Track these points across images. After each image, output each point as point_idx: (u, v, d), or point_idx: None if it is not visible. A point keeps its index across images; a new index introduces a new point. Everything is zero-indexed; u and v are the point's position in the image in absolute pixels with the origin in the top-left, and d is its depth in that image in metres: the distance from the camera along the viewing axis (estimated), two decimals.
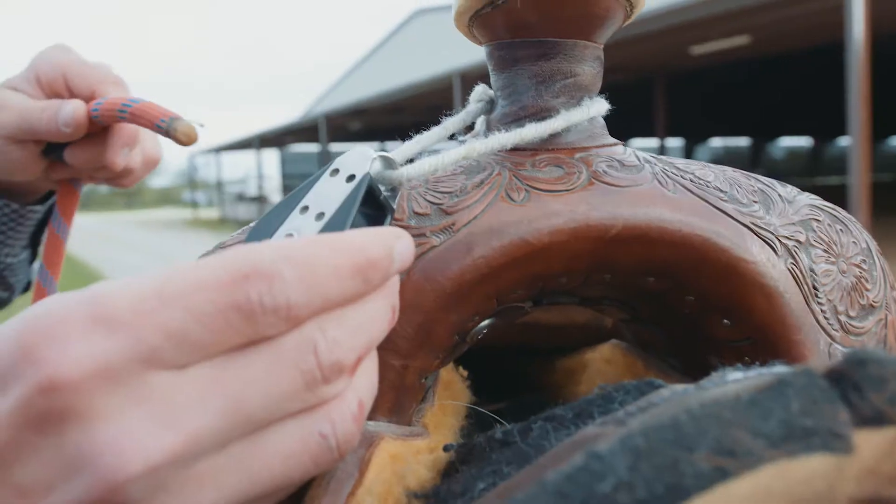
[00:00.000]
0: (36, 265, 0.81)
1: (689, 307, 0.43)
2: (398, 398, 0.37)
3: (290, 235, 0.34)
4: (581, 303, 0.49)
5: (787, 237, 0.43)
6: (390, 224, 0.38)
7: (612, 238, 0.39)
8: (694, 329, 0.45)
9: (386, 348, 0.36)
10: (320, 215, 0.35)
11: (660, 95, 12.95)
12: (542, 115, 0.43)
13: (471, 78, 12.18)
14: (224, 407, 0.26)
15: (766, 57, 12.92)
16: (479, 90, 0.47)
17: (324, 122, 18.72)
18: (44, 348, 0.24)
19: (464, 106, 0.48)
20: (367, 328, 0.30)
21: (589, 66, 0.44)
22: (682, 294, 0.43)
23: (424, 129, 0.44)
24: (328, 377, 0.28)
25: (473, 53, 11.38)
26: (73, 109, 0.61)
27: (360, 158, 0.37)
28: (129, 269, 12.25)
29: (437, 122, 0.45)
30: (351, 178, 0.36)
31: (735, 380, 0.26)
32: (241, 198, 29.37)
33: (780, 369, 0.28)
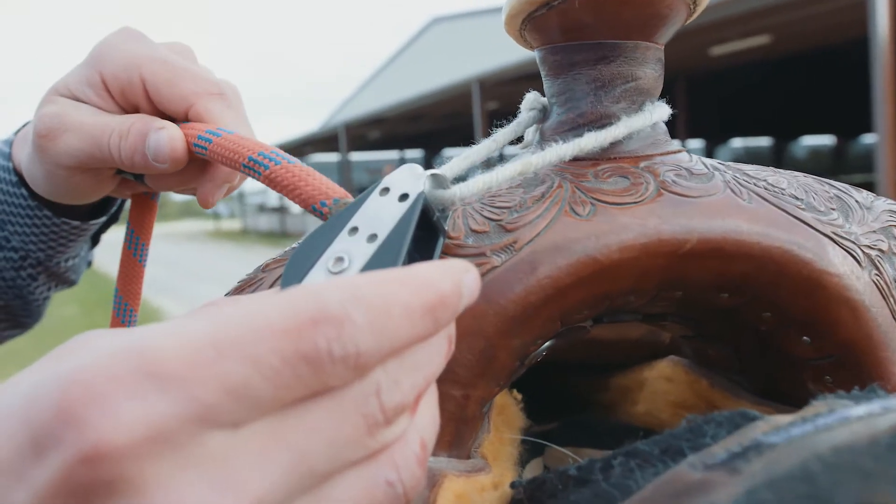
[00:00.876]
0: (96, 250, 0.74)
1: (764, 324, 0.40)
2: (459, 431, 0.35)
3: (341, 259, 0.31)
4: (644, 319, 0.46)
5: (869, 246, 0.39)
6: (443, 246, 0.35)
7: (685, 253, 0.36)
8: (768, 346, 0.42)
9: (445, 379, 0.34)
10: (373, 237, 0.32)
11: (680, 96, 12.84)
12: (601, 122, 0.40)
13: (489, 84, 12.17)
14: (286, 464, 0.23)
15: (786, 56, 12.80)
16: (531, 98, 0.44)
17: (343, 131, 18.76)
18: (88, 409, 0.21)
19: (484, 112, 0.45)
20: (427, 364, 0.27)
21: (650, 68, 0.41)
22: (758, 310, 0.40)
23: (443, 137, 0.41)
24: (390, 419, 0.25)
25: (491, 60, 11.37)
26: (170, 142, 0.45)
27: (411, 176, 0.34)
28: (153, 283, 12.32)
29: (456, 129, 0.43)
30: (404, 197, 0.33)
31: (859, 417, 0.23)
32: (262, 209, 29.52)
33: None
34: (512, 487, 0.34)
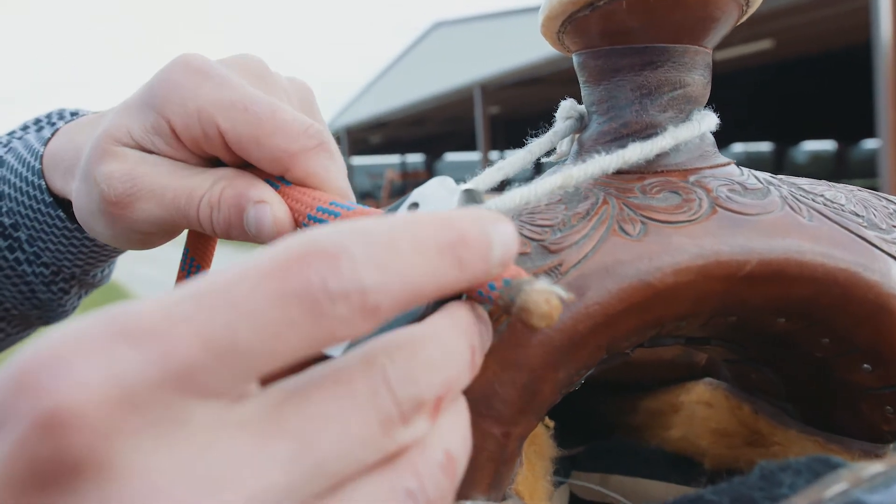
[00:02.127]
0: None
1: (822, 350, 0.37)
2: (498, 471, 0.32)
3: None
4: (686, 343, 0.43)
5: None
6: None
7: (744, 276, 0.33)
8: (823, 373, 0.39)
9: (484, 415, 0.31)
10: None
11: None
12: (646, 132, 0.37)
13: (491, 88, 12.15)
14: (290, 455, 0.19)
15: (788, 61, 12.79)
16: (567, 106, 0.41)
17: (345, 135, 18.75)
18: (46, 373, 0.17)
19: (486, 116, 0.42)
20: (442, 364, 0.23)
21: (699, 74, 0.38)
22: (817, 335, 0.37)
23: (445, 141, 0.38)
24: (406, 416, 0.21)
25: (493, 64, 11.35)
26: (274, 222, 0.36)
27: (442, 192, 0.31)
28: (152, 284, 12.27)
29: (457, 133, 0.40)
30: None
31: None
32: None
33: None
34: None
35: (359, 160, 32.12)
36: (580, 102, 0.42)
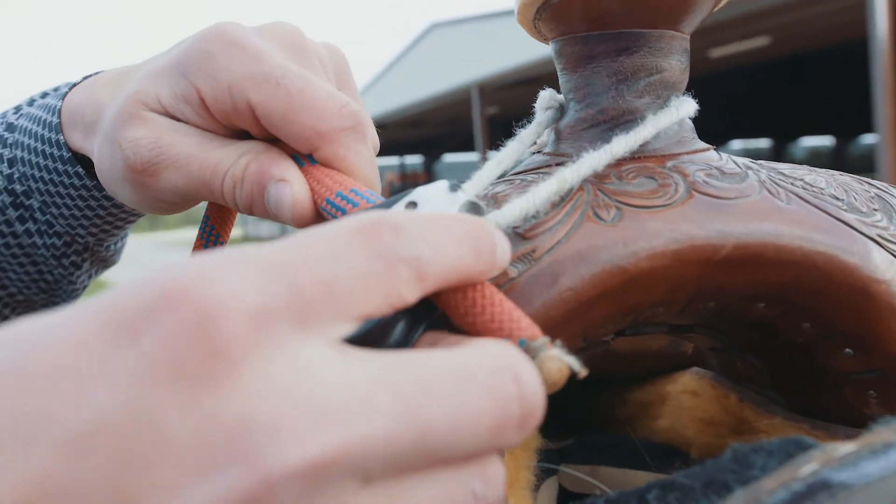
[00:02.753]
0: (139, 239, 0.65)
1: (803, 335, 0.37)
2: None
3: None
4: (667, 331, 0.42)
5: None
6: None
7: (721, 260, 0.33)
8: (805, 359, 0.39)
9: None
10: None
11: None
12: (623, 118, 0.37)
13: (488, 89, 12.15)
14: (397, 413, 0.20)
15: (786, 57, 12.79)
16: (546, 96, 0.41)
17: None
18: (194, 284, 0.19)
19: (484, 116, 0.41)
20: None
21: (676, 59, 0.38)
22: (798, 320, 0.36)
23: (443, 142, 0.37)
24: (525, 419, 0.23)
25: (490, 65, 11.35)
26: (293, 202, 0.36)
27: (443, 197, 0.30)
28: None
29: (456, 134, 0.40)
30: None
31: None
32: None
33: None
34: None
35: None
36: None
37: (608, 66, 0.37)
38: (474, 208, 0.30)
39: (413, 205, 0.30)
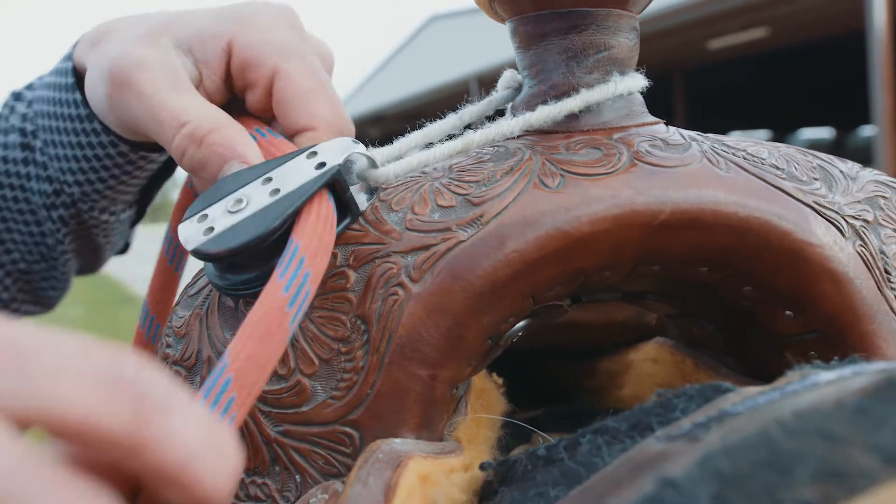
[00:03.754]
0: (139, 229, 0.66)
1: (746, 299, 0.39)
2: (426, 412, 0.33)
3: (240, 201, 0.33)
4: (623, 298, 0.44)
5: (853, 217, 0.38)
6: (345, 228, 0.35)
7: (660, 224, 0.35)
8: (751, 323, 0.41)
9: (411, 357, 0.32)
10: (275, 191, 0.33)
11: (678, 91, 12.82)
12: (573, 93, 0.39)
13: (488, 81, 12.13)
14: None
15: (784, 49, 12.78)
16: (508, 76, 0.43)
17: None
18: None
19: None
20: None
21: (624, 37, 0.40)
22: (739, 284, 0.38)
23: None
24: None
25: (489, 57, 11.35)
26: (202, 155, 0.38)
27: (339, 149, 0.35)
28: (147, 281, 12.23)
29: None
30: (321, 165, 0.34)
31: (829, 381, 0.21)
32: None
33: (877, 366, 0.24)
34: (481, 469, 0.33)
35: None
36: None
37: (558, 44, 0.39)
38: (370, 161, 0.35)
39: (313, 154, 0.34)
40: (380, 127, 20.08)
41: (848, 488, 0.17)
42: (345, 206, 0.35)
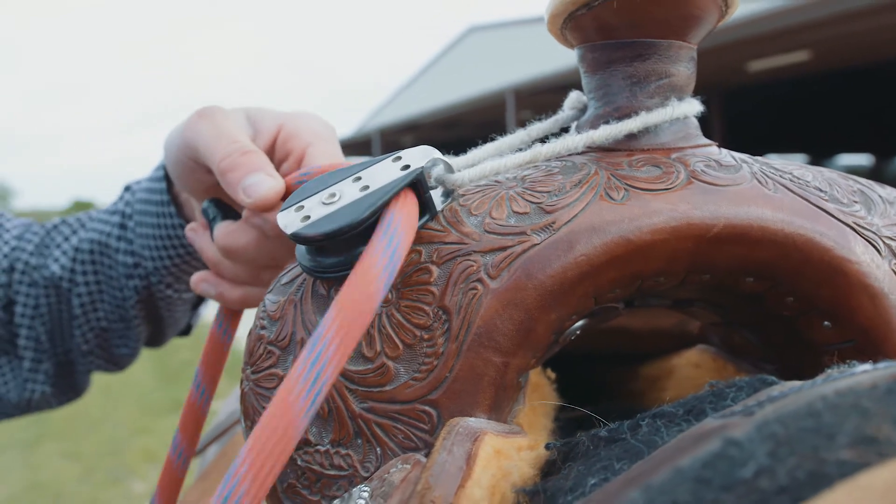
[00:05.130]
0: (203, 310, 0.79)
1: (787, 309, 0.43)
2: (497, 396, 0.37)
3: (334, 195, 0.39)
4: (672, 305, 0.48)
5: (890, 238, 0.42)
6: (424, 224, 0.40)
7: (713, 237, 0.39)
8: (791, 332, 0.44)
9: (487, 346, 0.36)
10: (365, 187, 0.39)
11: (716, 112, 12.77)
12: (634, 116, 0.43)
13: (524, 94, 12.20)
14: None
15: (826, 73, 12.67)
16: (574, 97, 0.47)
17: (377, 136, 18.89)
18: None
19: (518, 121, 0.48)
20: None
21: (683, 66, 0.44)
22: (782, 295, 0.42)
23: (476, 145, 0.45)
24: None
25: (527, 69, 11.40)
26: (268, 187, 0.50)
27: (420, 155, 0.40)
28: None
29: (489, 138, 0.46)
30: (406, 167, 0.39)
31: (865, 370, 0.25)
32: None
33: None
34: (546, 448, 0.37)
35: None
36: None
37: (623, 70, 0.43)
38: (447, 167, 0.41)
39: (398, 158, 0.40)
40: (414, 135, 20.20)
41: (878, 454, 0.21)
42: (424, 205, 0.39)
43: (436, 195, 0.40)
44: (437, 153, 0.41)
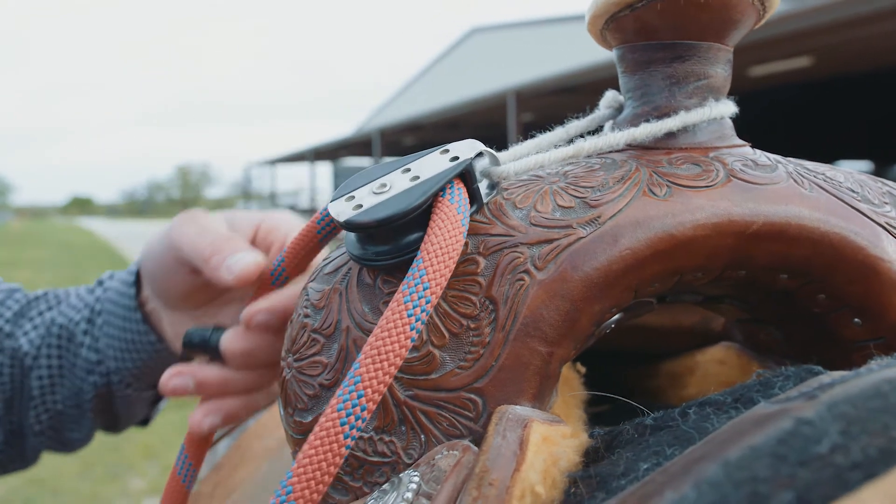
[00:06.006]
0: (163, 405, 0.80)
1: (818, 306, 0.44)
2: (541, 385, 0.38)
3: (384, 185, 0.40)
4: (702, 301, 0.49)
5: None
6: (472, 214, 0.41)
7: (752, 234, 0.40)
8: (820, 329, 0.45)
9: (533, 335, 0.37)
10: (415, 178, 0.40)
11: None
12: (673, 115, 0.44)
13: (525, 96, 12.22)
14: None
15: (827, 79, 12.70)
16: (610, 96, 0.48)
17: (378, 136, 18.90)
18: None
19: (519, 123, 0.50)
20: None
21: (721, 68, 0.45)
22: (814, 292, 0.43)
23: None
24: None
25: (528, 72, 11.41)
26: (250, 260, 0.54)
27: (468, 147, 0.41)
28: None
29: (491, 139, 0.48)
30: (455, 158, 0.40)
31: None
32: (293, 210, 29.78)
33: None
34: (590, 437, 0.38)
35: None
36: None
37: (663, 71, 0.44)
38: (493, 159, 0.42)
39: (446, 151, 0.41)
40: (416, 135, 20.20)
41: None
42: (472, 196, 0.40)
43: (481, 187, 0.41)
44: (483, 146, 0.42)
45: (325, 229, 0.50)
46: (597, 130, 0.49)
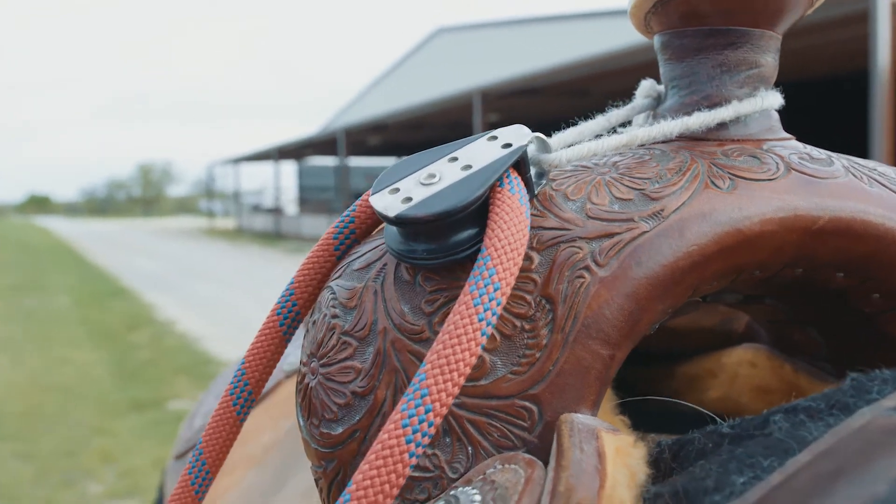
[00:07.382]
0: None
1: (871, 305, 0.42)
2: (601, 390, 0.36)
3: (433, 175, 0.37)
4: (742, 301, 0.47)
5: None
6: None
7: (817, 230, 0.38)
8: (867, 329, 0.44)
9: (595, 337, 0.35)
10: (467, 167, 0.37)
11: None
12: (724, 105, 0.42)
13: (491, 96, 12.22)
14: None
15: (783, 85, 12.91)
16: (647, 85, 0.46)
17: (343, 136, 18.77)
18: None
19: (485, 123, 0.47)
20: None
21: (771, 57, 0.43)
22: (869, 291, 0.41)
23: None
24: None
25: (494, 72, 11.42)
26: None
27: (518, 132, 0.38)
28: (146, 275, 12.29)
29: (457, 139, 0.45)
30: (507, 145, 0.37)
31: None
32: (257, 209, 29.45)
33: None
34: (658, 447, 0.35)
35: (356, 161, 32.17)
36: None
37: (714, 58, 0.42)
38: (543, 145, 0.39)
39: (494, 138, 0.38)
40: (381, 135, 20.11)
41: None
42: (526, 185, 0.37)
43: (532, 177, 0.38)
44: (528, 130, 0.39)
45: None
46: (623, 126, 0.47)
